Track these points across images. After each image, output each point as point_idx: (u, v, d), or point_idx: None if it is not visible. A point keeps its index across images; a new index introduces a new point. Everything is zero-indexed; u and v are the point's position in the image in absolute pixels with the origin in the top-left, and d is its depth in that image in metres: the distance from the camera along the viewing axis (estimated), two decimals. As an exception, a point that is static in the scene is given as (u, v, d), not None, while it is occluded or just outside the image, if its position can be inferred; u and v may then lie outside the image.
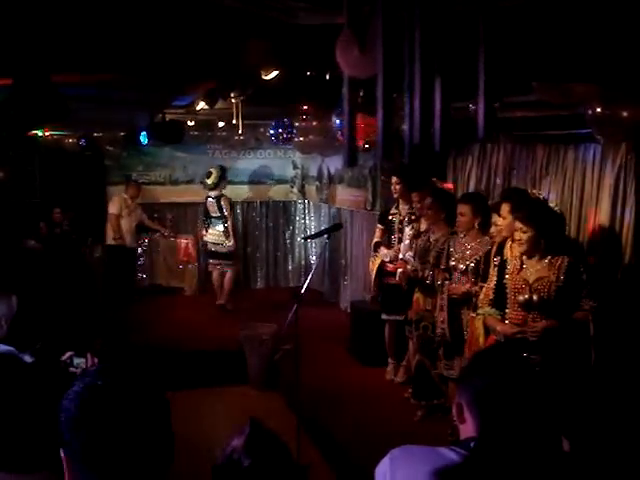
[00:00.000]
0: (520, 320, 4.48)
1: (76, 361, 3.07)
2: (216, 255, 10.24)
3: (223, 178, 10.22)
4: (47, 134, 10.80)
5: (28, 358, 3.45)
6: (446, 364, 5.62)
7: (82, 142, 10.88)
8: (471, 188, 6.79)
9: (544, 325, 4.38)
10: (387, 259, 6.87)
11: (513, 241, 4.83)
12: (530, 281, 4.47)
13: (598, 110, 4.50)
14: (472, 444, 1.84)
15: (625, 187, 5.07)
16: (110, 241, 10.61)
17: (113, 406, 1.39)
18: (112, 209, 10.62)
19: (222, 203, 10.13)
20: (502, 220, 5.01)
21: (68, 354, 3.09)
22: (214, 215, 10.18)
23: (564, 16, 3.40)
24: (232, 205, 10.38)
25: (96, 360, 3.04)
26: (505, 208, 4.94)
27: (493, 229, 5.33)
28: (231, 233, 10.21)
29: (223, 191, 10.21)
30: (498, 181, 6.45)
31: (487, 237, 5.39)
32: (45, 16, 3.80)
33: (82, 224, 10.46)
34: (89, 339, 5.94)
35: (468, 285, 5.44)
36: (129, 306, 10.17)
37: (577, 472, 1.99)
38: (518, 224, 4.52)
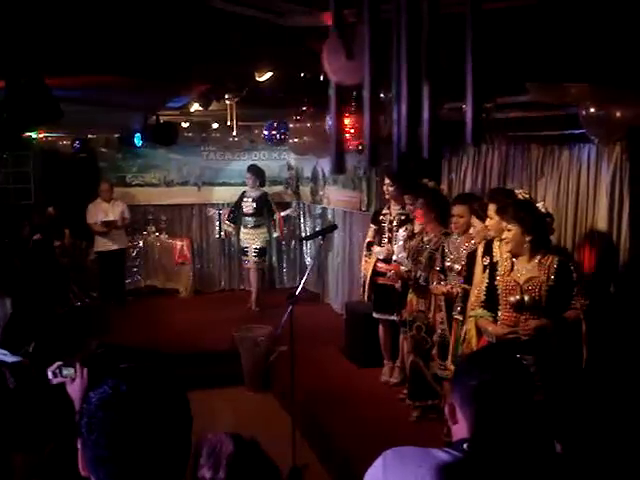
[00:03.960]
0: (512, 321, 4.48)
1: (65, 372, 2.97)
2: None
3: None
4: (41, 136, 10.76)
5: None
6: (440, 364, 5.62)
7: (76, 144, 10.83)
8: (467, 189, 6.79)
9: (537, 324, 4.38)
10: (381, 256, 6.82)
11: (501, 241, 4.84)
12: (521, 282, 4.47)
13: (592, 110, 4.50)
14: (465, 445, 1.84)
15: (621, 187, 5.07)
16: (100, 247, 10.43)
17: (135, 411, 1.40)
18: (89, 219, 10.38)
19: None
20: (489, 220, 5.01)
21: (56, 364, 3.01)
22: None
23: (558, 16, 3.40)
24: (235, 202, 10.63)
25: (85, 370, 2.96)
26: (491, 208, 4.94)
27: (472, 230, 5.35)
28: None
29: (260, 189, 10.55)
30: (493, 182, 6.45)
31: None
32: (38, 17, 3.79)
33: (73, 225, 10.38)
34: (82, 341, 5.91)
35: (449, 286, 5.45)
36: (122, 307, 10.16)
37: (569, 472, 1.99)
38: (504, 223, 4.53)
